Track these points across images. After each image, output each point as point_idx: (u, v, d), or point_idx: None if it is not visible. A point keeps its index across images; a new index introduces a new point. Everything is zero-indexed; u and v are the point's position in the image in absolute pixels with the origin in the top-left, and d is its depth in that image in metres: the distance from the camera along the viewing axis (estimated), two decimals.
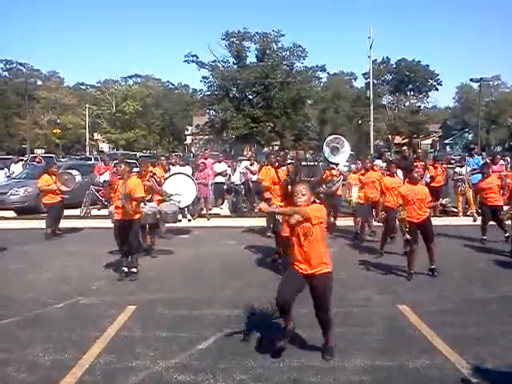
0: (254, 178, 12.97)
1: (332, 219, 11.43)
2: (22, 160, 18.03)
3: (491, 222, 9.37)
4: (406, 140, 63.16)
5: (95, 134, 66.76)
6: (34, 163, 21.87)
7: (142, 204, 7.60)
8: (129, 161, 10.72)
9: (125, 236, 6.98)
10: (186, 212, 12.51)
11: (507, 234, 9.11)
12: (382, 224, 8.96)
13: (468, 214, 12.43)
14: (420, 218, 7.00)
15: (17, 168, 17.06)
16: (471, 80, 40.70)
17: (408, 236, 6.92)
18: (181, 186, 9.39)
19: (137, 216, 7.13)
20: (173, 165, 12.05)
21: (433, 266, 7.12)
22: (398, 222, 7.38)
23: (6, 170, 16.19)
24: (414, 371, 4.10)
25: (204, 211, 12.90)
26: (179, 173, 10.45)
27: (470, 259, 8.26)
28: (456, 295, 6.21)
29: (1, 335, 4.94)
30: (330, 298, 4.30)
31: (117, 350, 4.54)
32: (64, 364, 4.24)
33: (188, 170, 12.20)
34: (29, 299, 6.09)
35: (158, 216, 8.43)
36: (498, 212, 9.08)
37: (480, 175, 12.93)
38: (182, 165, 12.42)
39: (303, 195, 4.26)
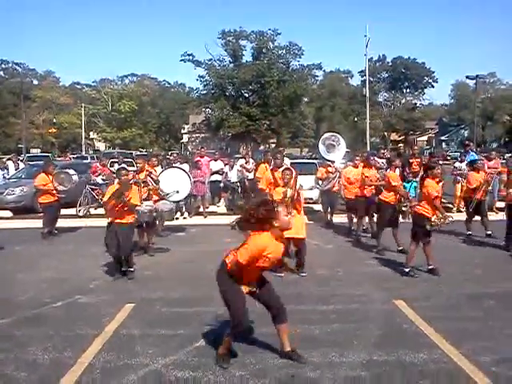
0: (250, 175, 13.00)
1: (329, 216, 11.49)
2: (10, 159, 17.90)
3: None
4: (402, 137, 63.34)
5: (91, 133, 66.61)
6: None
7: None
8: (125, 160, 10.64)
9: (116, 239, 6.88)
10: (184, 210, 12.54)
11: (489, 232, 9.45)
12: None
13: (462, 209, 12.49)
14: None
15: (10, 167, 16.96)
16: (467, 77, 40.76)
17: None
18: (176, 180, 9.38)
19: (130, 220, 7.08)
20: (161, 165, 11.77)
21: (431, 267, 7.04)
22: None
23: (5, 170, 16.18)
24: (411, 365, 4.13)
25: (201, 209, 12.93)
26: (175, 167, 10.44)
27: (466, 254, 8.32)
28: (452, 290, 6.25)
29: (0, 335, 4.95)
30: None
31: (116, 347, 4.56)
32: (63, 362, 4.26)
33: (186, 167, 12.21)
34: (27, 298, 6.10)
35: (154, 214, 8.45)
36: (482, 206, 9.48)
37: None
38: (181, 162, 12.44)
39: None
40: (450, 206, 12.72)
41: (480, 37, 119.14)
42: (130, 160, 19.14)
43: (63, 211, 11.41)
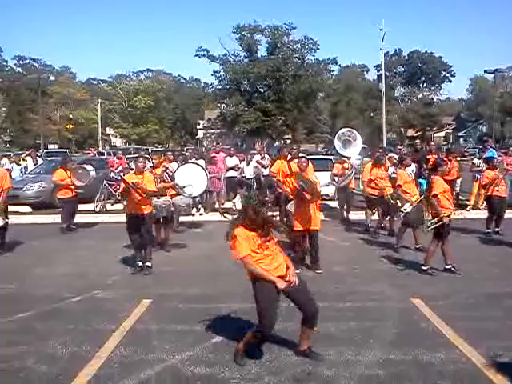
0: (266, 171, 12.98)
1: (345, 213, 11.42)
2: (29, 155, 18.30)
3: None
4: (418, 133, 62.59)
5: (107, 129, 67.23)
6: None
7: (155, 198, 7.68)
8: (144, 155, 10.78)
9: (137, 230, 7.04)
10: (200, 206, 12.58)
11: (497, 229, 9.46)
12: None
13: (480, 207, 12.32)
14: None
15: (29, 163, 17.23)
16: (486, 71, 39.98)
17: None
18: (192, 176, 9.42)
19: (148, 210, 7.19)
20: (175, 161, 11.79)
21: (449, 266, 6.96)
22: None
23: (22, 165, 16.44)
24: (428, 365, 4.10)
25: (217, 205, 12.95)
26: (192, 162, 10.49)
27: (484, 253, 8.21)
28: (469, 289, 6.17)
29: (20, 328, 5.05)
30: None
31: (133, 342, 4.61)
32: (82, 356, 4.33)
33: (202, 163, 12.23)
34: (46, 293, 6.20)
35: (172, 209, 8.52)
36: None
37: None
38: (196, 158, 12.51)
39: None
40: (467, 203, 12.55)
41: (498, 30, 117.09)
42: (147, 156, 19.27)
43: (81, 207, 11.55)
